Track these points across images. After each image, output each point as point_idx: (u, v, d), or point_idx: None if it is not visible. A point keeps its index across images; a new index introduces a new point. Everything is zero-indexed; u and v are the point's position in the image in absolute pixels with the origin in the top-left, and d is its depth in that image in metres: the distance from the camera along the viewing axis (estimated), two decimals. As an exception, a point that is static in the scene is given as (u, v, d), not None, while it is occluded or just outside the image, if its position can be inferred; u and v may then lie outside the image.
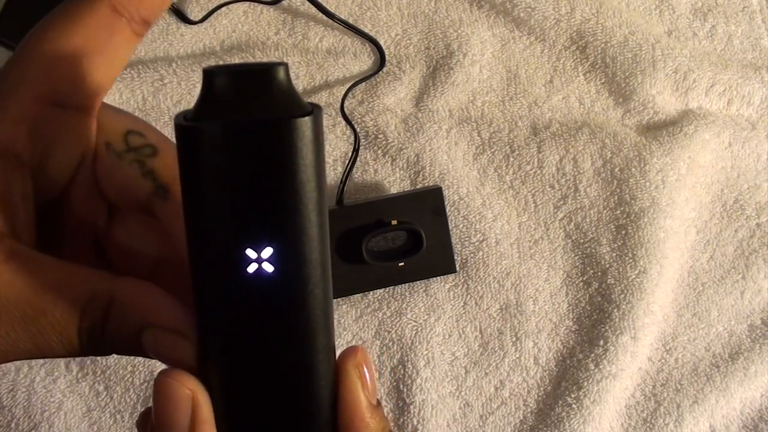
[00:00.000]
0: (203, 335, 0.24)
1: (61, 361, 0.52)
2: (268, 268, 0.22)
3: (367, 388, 0.25)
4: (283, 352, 0.23)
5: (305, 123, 0.21)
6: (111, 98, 0.56)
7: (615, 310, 0.54)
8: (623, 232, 0.56)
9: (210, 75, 0.22)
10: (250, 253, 0.22)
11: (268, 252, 0.22)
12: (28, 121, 0.25)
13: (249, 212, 0.22)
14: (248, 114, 0.21)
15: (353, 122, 0.56)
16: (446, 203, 0.55)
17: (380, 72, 0.57)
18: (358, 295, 0.55)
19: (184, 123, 0.22)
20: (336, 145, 0.56)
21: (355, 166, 0.56)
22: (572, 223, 0.56)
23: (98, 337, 0.24)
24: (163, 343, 0.24)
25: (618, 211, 0.56)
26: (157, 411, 0.23)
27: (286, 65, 0.22)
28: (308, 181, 0.22)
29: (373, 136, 0.56)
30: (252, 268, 0.22)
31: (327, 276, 0.23)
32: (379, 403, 0.26)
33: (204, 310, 0.23)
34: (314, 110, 0.22)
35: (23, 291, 0.24)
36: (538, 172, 0.57)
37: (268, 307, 0.23)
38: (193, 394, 0.23)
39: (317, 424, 0.24)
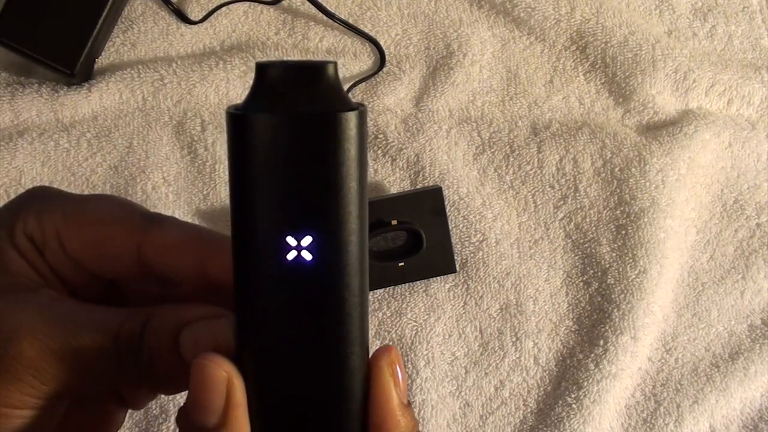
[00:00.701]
0: (240, 320, 0.24)
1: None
2: (307, 256, 0.23)
3: (399, 387, 0.25)
4: (317, 342, 0.24)
5: (351, 117, 0.22)
6: (111, 98, 0.56)
7: (615, 310, 0.54)
8: (623, 232, 0.56)
9: (262, 69, 0.23)
10: (290, 240, 0.22)
11: (307, 240, 0.22)
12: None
13: (290, 200, 0.22)
14: (297, 107, 0.22)
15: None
16: (446, 203, 0.55)
17: (380, 72, 0.57)
18: (358, 295, 0.55)
19: (236, 112, 0.22)
20: (336, 145, 0.56)
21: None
22: (572, 223, 0.56)
23: (136, 342, 0.25)
24: (201, 333, 0.25)
25: (618, 211, 0.56)
26: (193, 393, 0.23)
27: (335, 63, 0.23)
28: (350, 174, 0.22)
29: (373, 136, 0.56)
30: (291, 255, 0.23)
31: (364, 270, 0.24)
32: (409, 403, 0.26)
33: (242, 296, 0.24)
34: (360, 107, 0.23)
35: (62, 320, 0.25)
36: (538, 172, 0.57)
37: (305, 295, 0.23)
38: (228, 377, 0.23)
39: (348, 417, 0.24)
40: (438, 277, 0.55)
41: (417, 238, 0.53)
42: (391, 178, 0.56)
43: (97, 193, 0.55)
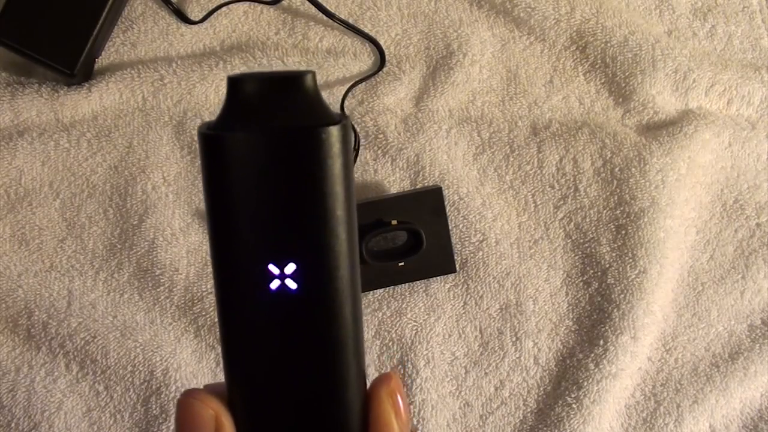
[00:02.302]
0: (226, 354, 0.23)
1: (62, 361, 0.52)
2: (292, 285, 0.21)
3: (400, 418, 0.23)
4: (308, 374, 0.22)
5: (333, 132, 0.20)
6: (111, 98, 0.56)
7: (615, 310, 0.54)
8: (623, 232, 0.56)
9: (235, 83, 0.21)
10: (273, 268, 0.21)
11: (291, 268, 0.21)
12: None
13: (271, 225, 0.21)
14: (274, 123, 0.20)
15: (353, 122, 0.56)
16: (446, 203, 0.55)
17: (380, 72, 0.57)
18: (358, 295, 0.55)
19: (208, 132, 0.21)
20: (336, 145, 0.56)
21: (355, 166, 0.56)
22: (572, 223, 0.56)
23: None
24: None
25: (618, 211, 0.56)
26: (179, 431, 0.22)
27: (313, 73, 0.22)
28: (335, 193, 0.21)
29: (373, 136, 0.56)
30: (275, 284, 0.21)
31: (356, 295, 0.22)
32: (414, 430, 0.24)
33: (226, 328, 0.22)
34: (342, 119, 0.21)
35: None
36: (538, 172, 0.57)
37: (292, 326, 0.21)
38: (216, 415, 0.22)
39: None
40: (438, 277, 0.55)
41: (417, 238, 0.53)
42: (391, 178, 0.56)
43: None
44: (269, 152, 0.20)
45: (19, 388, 0.52)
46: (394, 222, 0.53)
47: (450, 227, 0.55)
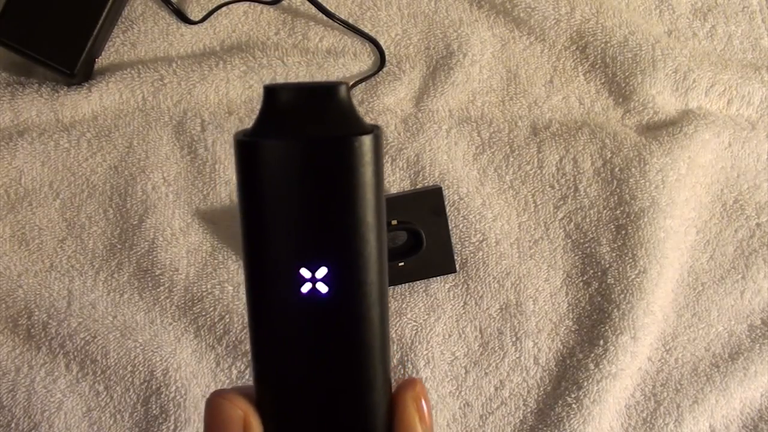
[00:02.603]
0: (256, 357, 0.23)
1: (62, 361, 0.52)
2: (323, 288, 0.22)
3: (425, 422, 0.23)
4: (336, 377, 0.22)
5: (365, 142, 0.21)
6: (111, 98, 0.56)
7: (615, 310, 0.54)
8: (623, 232, 0.56)
9: (271, 92, 0.22)
10: (305, 272, 0.22)
11: (322, 272, 0.22)
12: None
13: (304, 230, 0.21)
14: (308, 131, 0.21)
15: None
16: (446, 203, 0.55)
17: (380, 72, 0.57)
18: (358, 295, 0.55)
19: (245, 138, 0.21)
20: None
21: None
22: (572, 223, 0.56)
23: None
24: None
25: (618, 211, 0.56)
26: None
27: (347, 85, 0.22)
28: (366, 200, 0.21)
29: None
30: (306, 288, 0.22)
31: (384, 300, 0.23)
32: None
33: (257, 330, 0.23)
34: (375, 130, 0.22)
35: None
36: (538, 172, 0.57)
37: (322, 329, 0.22)
38: (244, 415, 0.22)
39: None
40: (438, 277, 0.55)
41: (417, 238, 0.53)
42: (391, 178, 0.56)
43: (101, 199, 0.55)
44: (303, 160, 0.21)
45: (19, 388, 0.52)
46: (394, 222, 0.53)
47: (450, 227, 0.55)
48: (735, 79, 0.59)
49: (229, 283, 0.54)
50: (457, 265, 0.55)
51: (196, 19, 0.57)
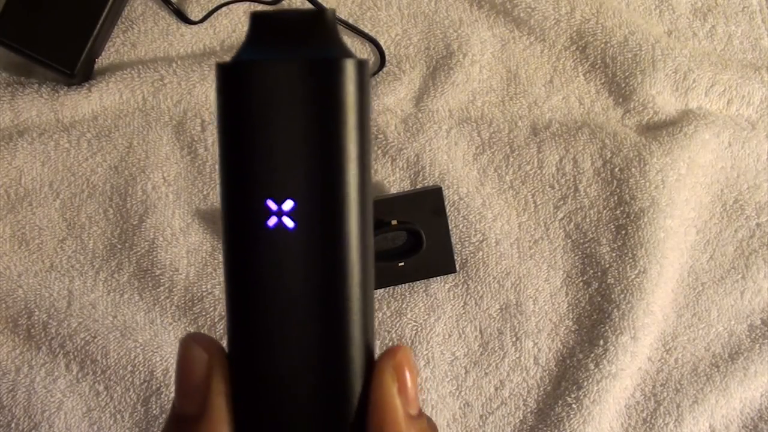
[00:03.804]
0: (226, 296, 0.22)
1: (62, 361, 0.52)
2: (289, 223, 0.20)
3: (405, 394, 0.21)
4: (305, 324, 0.20)
5: (349, 65, 0.20)
6: (111, 98, 0.56)
7: (615, 310, 0.54)
8: (623, 232, 0.56)
9: (257, 18, 0.21)
10: (271, 204, 0.20)
11: (289, 205, 0.20)
12: None
13: (276, 159, 0.20)
14: (292, 54, 0.20)
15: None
16: (446, 203, 0.55)
17: (380, 72, 0.57)
18: (358, 295, 0.55)
19: (225, 62, 0.20)
20: (336, 145, 0.56)
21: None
22: (572, 223, 0.56)
23: None
24: None
25: (618, 211, 0.56)
26: (176, 375, 0.21)
27: (333, 10, 0.21)
28: (347, 128, 0.20)
29: (373, 136, 0.56)
30: (272, 221, 0.20)
31: (366, 248, 0.21)
32: (420, 414, 0.22)
33: (226, 267, 0.21)
34: (360, 59, 0.21)
35: None
36: (538, 172, 0.57)
37: (288, 268, 0.20)
38: (209, 359, 0.21)
39: (340, 421, 0.21)
40: (438, 277, 0.55)
41: (417, 238, 0.54)
42: (391, 178, 0.56)
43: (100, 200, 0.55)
44: (284, 82, 0.20)
45: (19, 388, 0.52)
46: (394, 222, 0.53)
47: (450, 227, 0.55)
48: (735, 79, 0.59)
49: (229, 283, 0.54)
50: (457, 265, 0.55)
51: (196, 19, 0.57)
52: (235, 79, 0.20)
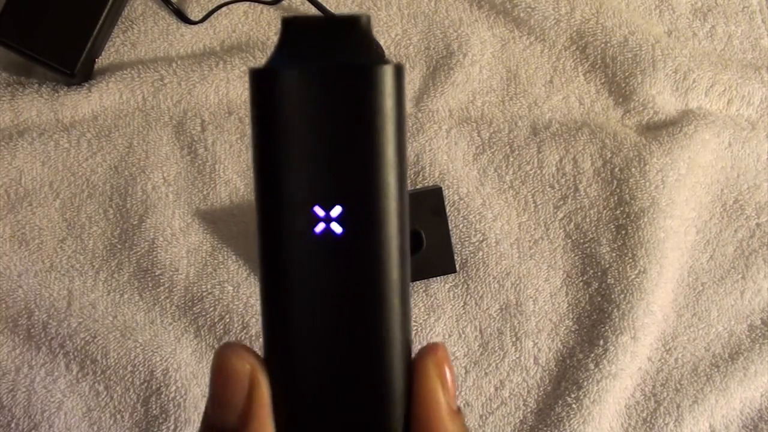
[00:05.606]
0: (265, 306, 0.21)
1: (62, 361, 0.52)
2: (337, 229, 0.20)
3: (448, 391, 0.21)
4: (347, 328, 0.21)
5: (387, 71, 0.20)
6: (111, 98, 0.56)
7: (615, 310, 0.54)
8: (623, 232, 0.56)
9: (289, 24, 0.21)
10: (318, 210, 0.20)
11: (337, 211, 0.20)
12: None
13: (319, 165, 0.20)
14: (328, 60, 0.20)
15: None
16: (446, 203, 0.55)
17: (380, 72, 0.57)
18: (358, 295, 0.55)
19: (260, 67, 0.20)
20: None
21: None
22: (572, 223, 0.56)
23: None
24: None
25: (618, 211, 0.56)
26: (212, 387, 0.21)
27: (369, 17, 0.21)
28: (386, 133, 0.20)
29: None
30: (320, 227, 0.20)
31: (404, 246, 0.21)
32: (459, 410, 0.22)
33: (266, 276, 0.21)
34: (397, 64, 0.21)
35: None
36: (538, 172, 0.57)
37: (335, 273, 0.20)
38: (252, 370, 0.20)
39: (387, 421, 0.21)
40: (438, 277, 0.55)
41: (417, 238, 0.53)
42: (391, 178, 0.56)
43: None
44: (321, 89, 0.20)
45: (19, 388, 0.52)
46: (394, 222, 0.53)
47: (450, 227, 0.55)
48: (735, 79, 0.59)
49: (229, 283, 0.54)
50: (457, 265, 0.55)
51: (196, 19, 0.57)
52: (269, 86, 0.20)
